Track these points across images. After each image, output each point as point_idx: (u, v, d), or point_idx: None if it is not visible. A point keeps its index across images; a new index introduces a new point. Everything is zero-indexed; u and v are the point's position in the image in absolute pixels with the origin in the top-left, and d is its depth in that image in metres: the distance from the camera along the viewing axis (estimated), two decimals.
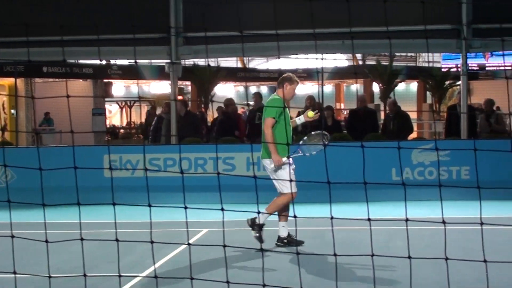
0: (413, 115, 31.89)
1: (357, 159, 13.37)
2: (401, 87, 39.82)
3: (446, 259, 5.15)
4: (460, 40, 17.49)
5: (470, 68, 35.73)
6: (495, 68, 38.39)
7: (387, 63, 38.87)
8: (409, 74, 40.90)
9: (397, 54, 41.43)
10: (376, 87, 40.34)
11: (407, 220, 5.05)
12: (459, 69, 19.09)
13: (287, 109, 10.23)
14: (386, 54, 40.55)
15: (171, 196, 12.09)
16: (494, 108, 21.47)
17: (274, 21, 17.58)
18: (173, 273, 8.42)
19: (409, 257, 5.13)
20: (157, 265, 8.92)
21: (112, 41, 18.24)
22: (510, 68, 39.07)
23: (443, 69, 38.21)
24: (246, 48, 18.99)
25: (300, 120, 10.67)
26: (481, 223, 4.91)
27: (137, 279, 8.07)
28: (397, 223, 10.24)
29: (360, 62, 46.73)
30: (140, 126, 38.83)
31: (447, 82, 37.52)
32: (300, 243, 10.08)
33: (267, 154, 10.17)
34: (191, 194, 14.60)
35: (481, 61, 37.80)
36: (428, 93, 41.14)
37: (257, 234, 10.04)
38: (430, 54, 43.60)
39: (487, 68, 38.22)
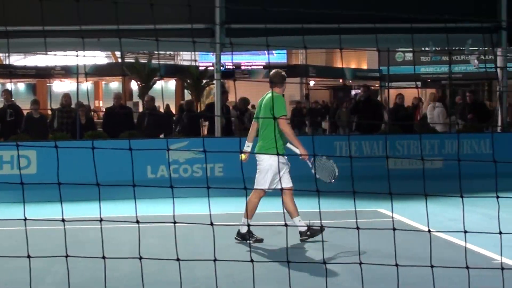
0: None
1: (111, 158, 13.38)
2: (159, 85, 40.02)
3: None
4: (213, 39, 17.84)
5: (226, 67, 36.75)
6: (250, 67, 39.65)
7: (146, 61, 39.06)
8: (167, 72, 41.26)
9: (155, 52, 41.61)
10: (134, 85, 40.34)
11: (137, 222, 5.09)
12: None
13: None
14: (145, 52, 40.63)
15: None
16: (249, 106, 22.14)
17: (37, 17, 17.18)
18: None
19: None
20: None
21: None
22: (261, 67, 40.52)
23: (200, 68, 38.91)
24: (2, 44, 18.40)
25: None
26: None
27: None
28: (151, 221, 10.35)
29: (120, 60, 46.52)
30: None
31: (204, 81, 38.22)
32: (260, 240, 10.23)
33: (264, 149, 10.19)
34: None
35: (237, 60, 38.88)
36: (186, 91, 41.71)
37: (316, 234, 10.16)
38: (188, 53, 44.16)
39: (242, 67, 39.38)
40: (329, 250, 9.45)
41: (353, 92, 44.05)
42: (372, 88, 40.26)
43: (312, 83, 46.63)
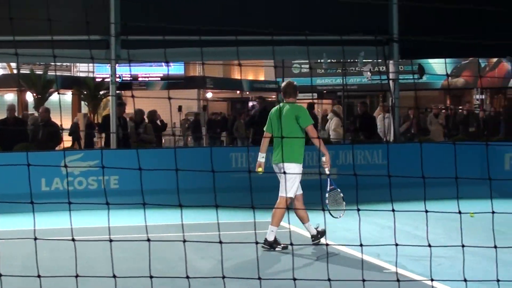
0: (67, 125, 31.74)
1: (7, 170, 13.29)
2: (55, 97, 39.45)
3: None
4: (108, 51, 17.63)
5: (123, 78, 36.52)
6: (147, 79, 39.45)
7: (42, 72, 38.45)
8: (64, 83, 40.70)
9: (51, 63, 41.06)
10: (30, 97, 39.66)
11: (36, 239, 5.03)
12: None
13: None
14: (41, 63, 40.02)
15: None
16: (145, 118, 21.98)
17: None
18: None
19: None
20: None
21: None
22: (159, 79, 40.42)
23: (97, 79, 38.58)
24: None
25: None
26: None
27: None
28: (43, 234, 10.19)
29: (15, 71, 45.66)
30: None
31: (101, 92, 37.93)
32: (286, 247, 10.29)
33: (292, 158, 10.33)
34: None
35: (134, 71, 38.70)
36: (83, 102, 41.28)
37: (318, 241, 10.59)
38: (84, 64, 43.66)
39: (140, 79, 39.20)
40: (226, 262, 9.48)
41: (250, 103, 44.32)
42: (269, 99, 40.66)
43: (209, 94, 46.68)
